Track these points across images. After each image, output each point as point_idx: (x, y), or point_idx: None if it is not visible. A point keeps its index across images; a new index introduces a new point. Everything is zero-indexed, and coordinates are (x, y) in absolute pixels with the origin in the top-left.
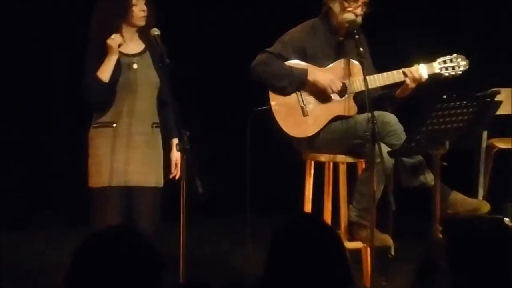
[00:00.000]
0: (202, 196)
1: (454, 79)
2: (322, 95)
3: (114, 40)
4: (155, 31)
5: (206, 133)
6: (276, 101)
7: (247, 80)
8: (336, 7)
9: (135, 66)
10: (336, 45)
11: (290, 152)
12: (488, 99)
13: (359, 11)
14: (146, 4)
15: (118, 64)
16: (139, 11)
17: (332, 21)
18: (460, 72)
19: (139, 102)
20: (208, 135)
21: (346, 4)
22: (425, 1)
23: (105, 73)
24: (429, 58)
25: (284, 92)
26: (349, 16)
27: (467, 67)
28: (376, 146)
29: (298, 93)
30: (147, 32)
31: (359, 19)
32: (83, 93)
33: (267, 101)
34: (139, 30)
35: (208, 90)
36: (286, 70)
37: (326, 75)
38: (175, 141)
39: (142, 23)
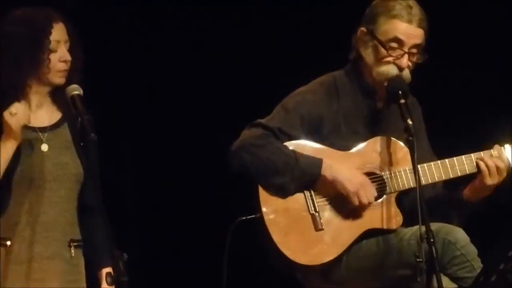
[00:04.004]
0: None
1: None
2: (345, 199)
3: (15, 114)
4: (74, 90)
5: (162, 251)
6: (270, 206)
7: (225, 170)
8: (368, 56)
9: (44, 147)
10: (371, 115)
11: (293, 285)
12: None
13: (404, 61)
14: (70, 48)
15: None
16: (59, 60)
17: (365, 77)
18: None
19: (49, 207)
20: (165, 255)
21: (383, 52)
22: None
23: None
24: None
25: (283, 191)
26: (388, 69)
27: None
28: (434, 281)
29: (306, 193)
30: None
31: (407, 74)
32: None
33: (256, 206)
34: (54, 90)
35: (164, 184)
36: (289, 157)
37: (353, 173)
38: (107, 270)
39: (61, 80)
